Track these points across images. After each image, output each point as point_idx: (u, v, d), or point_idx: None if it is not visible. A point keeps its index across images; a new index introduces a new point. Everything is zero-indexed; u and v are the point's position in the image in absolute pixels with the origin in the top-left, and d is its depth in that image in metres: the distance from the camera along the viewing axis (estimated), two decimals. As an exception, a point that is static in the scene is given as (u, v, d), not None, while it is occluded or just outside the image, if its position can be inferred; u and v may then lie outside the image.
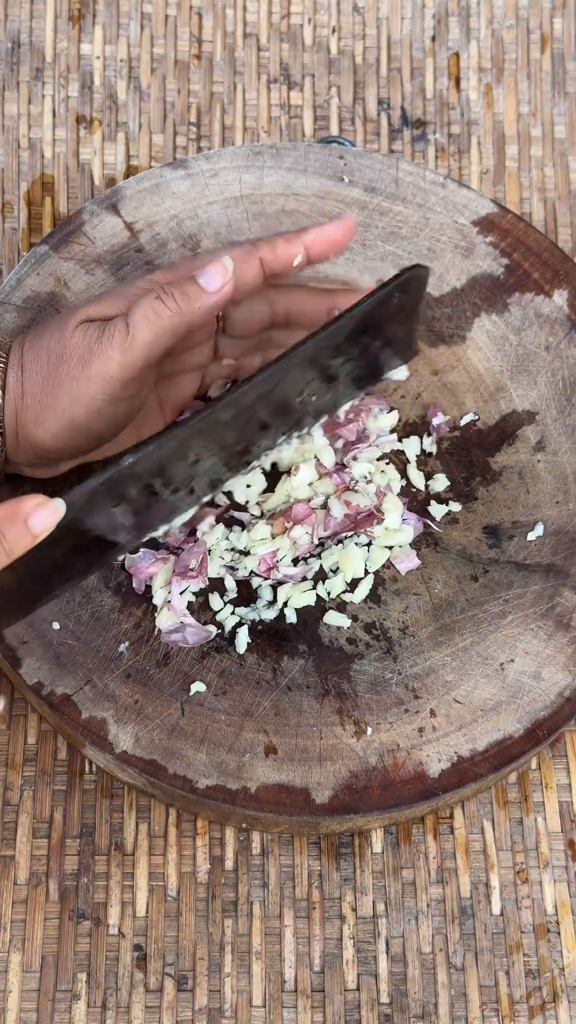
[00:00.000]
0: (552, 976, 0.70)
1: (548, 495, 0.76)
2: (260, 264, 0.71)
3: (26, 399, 0.69)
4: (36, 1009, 0.68)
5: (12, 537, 0.58)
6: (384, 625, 0.73)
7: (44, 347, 0.70)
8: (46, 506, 0.59)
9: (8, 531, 0.58)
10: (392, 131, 0.91)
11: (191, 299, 0.69)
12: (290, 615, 0.73)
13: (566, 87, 0.92)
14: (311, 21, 0.92)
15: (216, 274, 0.70)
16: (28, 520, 0.59)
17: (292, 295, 0.74)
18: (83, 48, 0.91)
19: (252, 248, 0.72)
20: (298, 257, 0.72)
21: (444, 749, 0.70)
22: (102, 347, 0.68)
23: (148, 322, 0.68)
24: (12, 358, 0.70)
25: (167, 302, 0.69)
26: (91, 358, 0.68)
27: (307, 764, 0.70)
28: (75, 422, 0.70)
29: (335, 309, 0.74)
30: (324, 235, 0.72)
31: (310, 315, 0.75)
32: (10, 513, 0.58)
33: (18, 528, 0.58)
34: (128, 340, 0.68)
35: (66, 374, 0.69)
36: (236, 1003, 0.69)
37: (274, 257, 0.72)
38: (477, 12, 0.93)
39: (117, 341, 0.68)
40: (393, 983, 0.70)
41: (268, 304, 0.74)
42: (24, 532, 0.58)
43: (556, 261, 0.81)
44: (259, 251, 0.72)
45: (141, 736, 0.70)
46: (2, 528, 0.58)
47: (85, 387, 0.69)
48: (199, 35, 0.92)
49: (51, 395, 0.69)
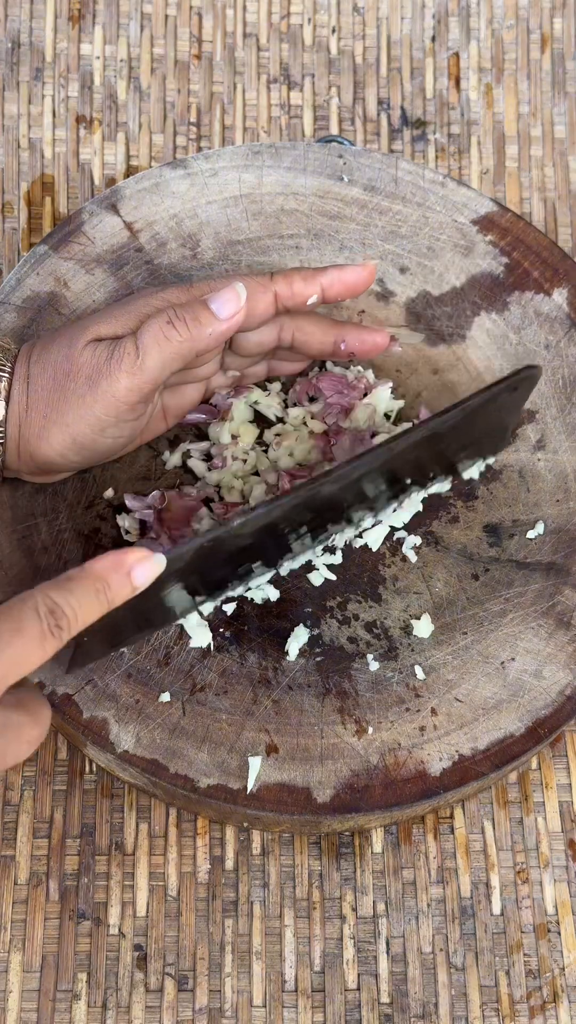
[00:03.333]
0: (552, 976, 0.70)
1: (548, 493, 0.76)
2: (274, 298, 0.71)
3: (30, 412, 0.69)
4: (36, 1009, 0.68)
5: (115, 587, 0.61)
6: (385, 624, 0.73)
7: (52, 361, 0.70)
8: (150, 560, 0.61)
9: (112, 580, 0.60)
10: (392, 131, 0.91)
11: (202, 325, 0.69)
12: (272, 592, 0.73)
13: (566, 87, 0.92)
14: (311, 21, 0.92)
15: (229, 301, 0.69)
16: (131, 572, 0.61)
17: (300, 322, 0.74)
18: (83, 48, 0.91)
19: (268, 281, 0.71)
20: (313, 297, 0.72)
21: (445, 748, 0.70)
22: (111, 368, 0.68)
23: (158, 346, 0.68)
24: (18, 369, 0.70)
25: (178, 327, 0.68)
26: (99, 379, 0.68)
27: (308, 763, 0.70)
28: (79, 440, 0.69)
29: (342, 343, 0.74)
30: (343, 279, 0.72)
31: (315, 345, 0.74)
32: (115, 564, 0.61)
33: (121, 578, 0.61)
34: (137, 363, 0.68)
35: (72, 392, 0.69)
36: (236, 1003, 0.69)
37: (290, 294, 0.72)
38: (477, 12, 0.93)
39: (126, 364, 0.68)
40: (393, 983, 0.69)
41: (277, 328, 0.74)
42: (126, 583, 0.61)
43: (556, 260, 0.81)
44: (275, 284, 0.71)
45: (142, 736, 0.70)
46: (107, 577, 0.60)
47: (91, 407, 0.69)
48: (199, 35, 0.92)
49: (56, 411, 0.69)
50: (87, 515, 0.75)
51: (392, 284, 0.81)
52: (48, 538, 0.74)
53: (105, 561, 0.61)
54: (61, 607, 0.59)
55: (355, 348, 0.74)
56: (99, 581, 0.60)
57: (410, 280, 0.81)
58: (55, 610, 0.58)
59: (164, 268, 0.80)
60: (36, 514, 0.74)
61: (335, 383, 0.77)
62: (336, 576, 0.74)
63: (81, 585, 0.60)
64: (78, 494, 0.75)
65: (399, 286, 0.80)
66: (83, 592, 0.60)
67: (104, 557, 0.61)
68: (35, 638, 0.58)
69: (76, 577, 0.60)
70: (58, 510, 0.74)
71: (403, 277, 0.81)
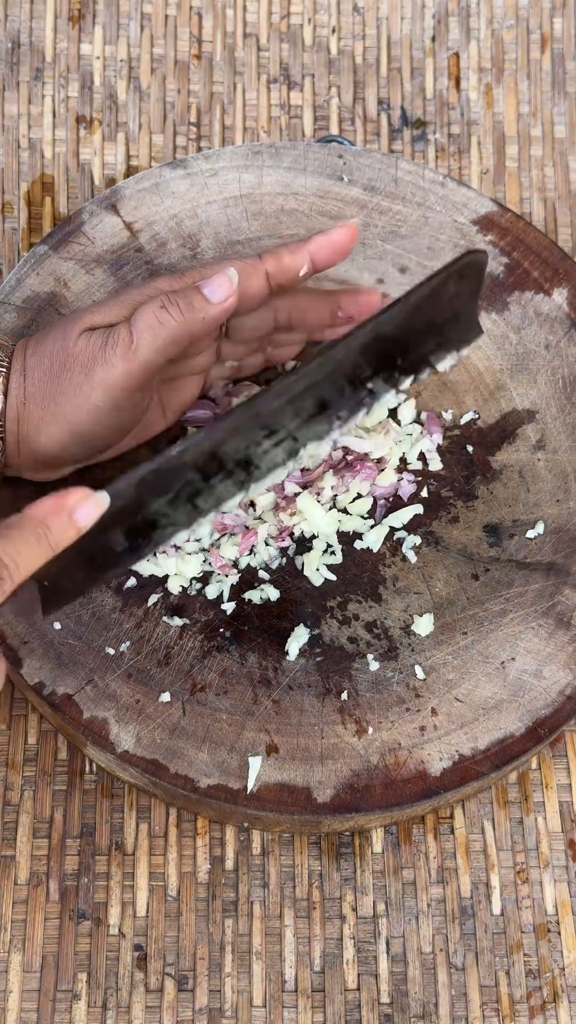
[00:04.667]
0: (552, 976, 0.70)
1: (548, 493, 0.76)
2: (266, 277, 0.71)
3: (28, 405, 0.69)
4: (36, 1009, 0.68)
5: (57, 530, 0.59)
6: (385, 624, 0.73)
7: (47, 353, 0.70)
8: (90, 499, 0.60)
9: (53, 524, 0.59)
10: (392, 131, 0.91)
11: (195, 309, 0.69)
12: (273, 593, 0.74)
13: (566, 87, 0.92)
14: (311, 21, 0.92)
15: (220, 285, 0.69)
16: (73, 513, 0.60)
17: (295, 299, 0.74)
18: (83, 48, 0.91)
19: (258, 261, 0.71)
20: (304, 268, 0.72)
21: (445, 748, 0.70)
22: (105, 355, 0.68)
23: (151, 330, 0.68)
24: (15, 363, 0.70)
25: (171, 311, 0.68)
26: (94, 366, 0.68)
27: (308, 763, 0.70)
28: (77, 429, 0.69)
29: (339, 310, 0.74)
30: (328, 242, 0.72)
31: (313, 318, 0.74)
32: (55, 506, 0.59)
33: (63, 520, 0.59)
34: (131, 348, 0.68)
35: (69, 381, 0.69)
36: (236, 1003, 0.69)
37: (280, 270, 0.71)
38: (477, 12, 0.93)
39: (120, 349, 0.68)
40: (393, 983, 0.69)
41: (272, 311, 0.74)
42: (68, 524, 0.59)
43: (556, 259, 0.81)
44: (264, 264, 0.71)
45: (143, 736, 0.70)
46: (47, 521, 0.59)
47: (88, 395, 0.69)
48: (199, 35, 0.92)
49: (54, 402, 0.69)
50: (87, 515, 0.74)
51: (392, 284, 0.81)
52: (48, 538, 0.74)
53: (44, 505, 0.59)
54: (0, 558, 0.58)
55: (352, 311, 0.74)
56: (39, 526, 0.59)
57: (410, 280, 0.81)
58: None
59: (164, 268, 0.80)
60: (36, 514, 0.74)
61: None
62: (336, 576, 0.74)
63: (20, 532, 0.58)
64: (78, 494, 0.75)
65: (399, 286, 0.80)
66: (23, 539, 0.58)
67: (43, 501, 0.59)
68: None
69: (15, 524, 0.59)
70: (58, 510, 0.74)
71: (403, 277, 0.81)
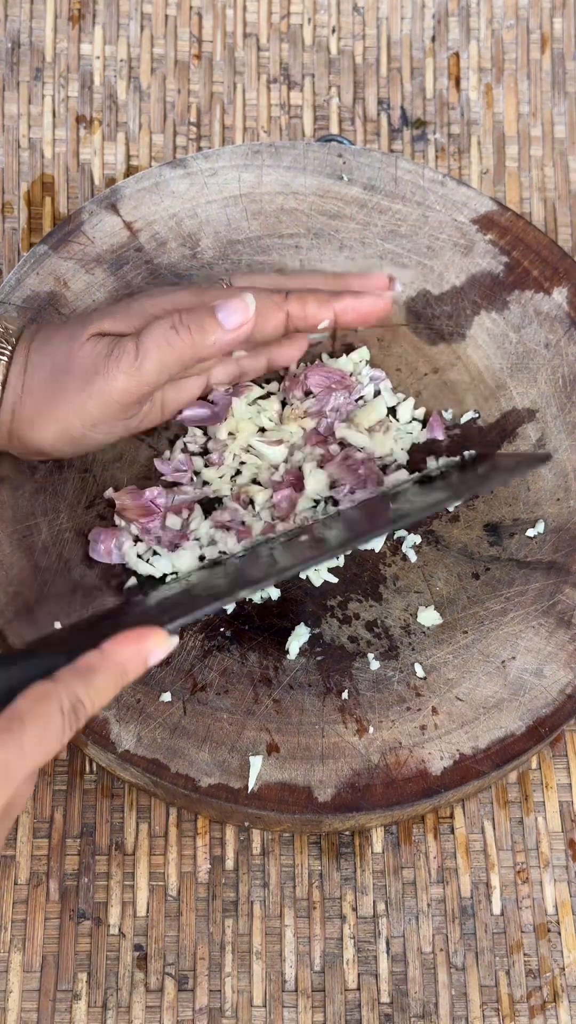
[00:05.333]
0: (553, 976, 0.70)
1: (549, 492, 0.76)
2: (286, 318, 0.71)
3: (25, 399, 0.69)
4: (37, 1009, 0.68)
5: (132, 672, 0.60)
6: (385, 623, 0.73)
7: (51, 352, 0.69)
8: (164, 644, 0.60)
9: (131, 667, 0.59)
10: (392, 131, 0.91)
11: (206, 333, 0.68)
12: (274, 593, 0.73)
13: (566, 87, 0.92)
14: (311, 21, 0.92)
15: (236, 311, 0.69)
16: (148, 659, 0.60)
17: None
18: (83, 48, 0.91)
19: (282, 300, 0.71)
20: (325, 322, 0.72)
21: (446, 747, 0.70)
22: (107, 366, 0.68)
23: (158, 349, 0.68)
24: (17, 355, 0.70)
25: (181, 333, 0.68)
26: (95, 375, 0.68)
27: (309, 762, 0.70)
28: (70, 432, 0.69)
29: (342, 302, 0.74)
30: (356, 307, 0.72)
31: (313, 317, 0.74)
32: (136, 652, 0.60)
33: (139, 664, 0.60)
34: (135, 365, 0.68)
35: (68, 385, 0.68)
36: (236, 1003, 0.69)
37: (302, 316, 0.71)
38: (477, 12, 0.93)
39: (124, 364, 0.68)
40: (394, 983, 0.69)
41: (284, 314, 0.73)
42: (143, 666, 0.60)
43: (556, 259, 0.81)
44: (288, 304, 0.71)
45: (143, 735, 0.70)
46: (127, 666, 0.59)
47: (84, 403, 0.68)
48: (199, 35, 0.92)
49: (50, 402, 0.69)
50: (87, 515, 0.74)
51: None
52: (48, 538, 0.73)
53: (127, 650, 0.59)
54: (83, 702, 0.57)
55: (350, 320, 0.74)
56: (120, 672, 0.59)
57: (410, 279, 0.81)
58: (78, 706, 0.57)
59: (164, 268, 0.80)
60: (36, 514, 0.74)
61: (325, 377, 0.77)
62: (337, 575, 0.74)
63: (104, 680, 0.58)
64: (78, 494, 0.75)
65: (399, 285, 0.80)
66: (105, 683, 0.58)
67: (125, 643, 0.59)
68: (58, 737, 0.56)
69: (99, 668, 0.58)
70: (58, 510, 0.74)
71: (402, 275, 0.81)
